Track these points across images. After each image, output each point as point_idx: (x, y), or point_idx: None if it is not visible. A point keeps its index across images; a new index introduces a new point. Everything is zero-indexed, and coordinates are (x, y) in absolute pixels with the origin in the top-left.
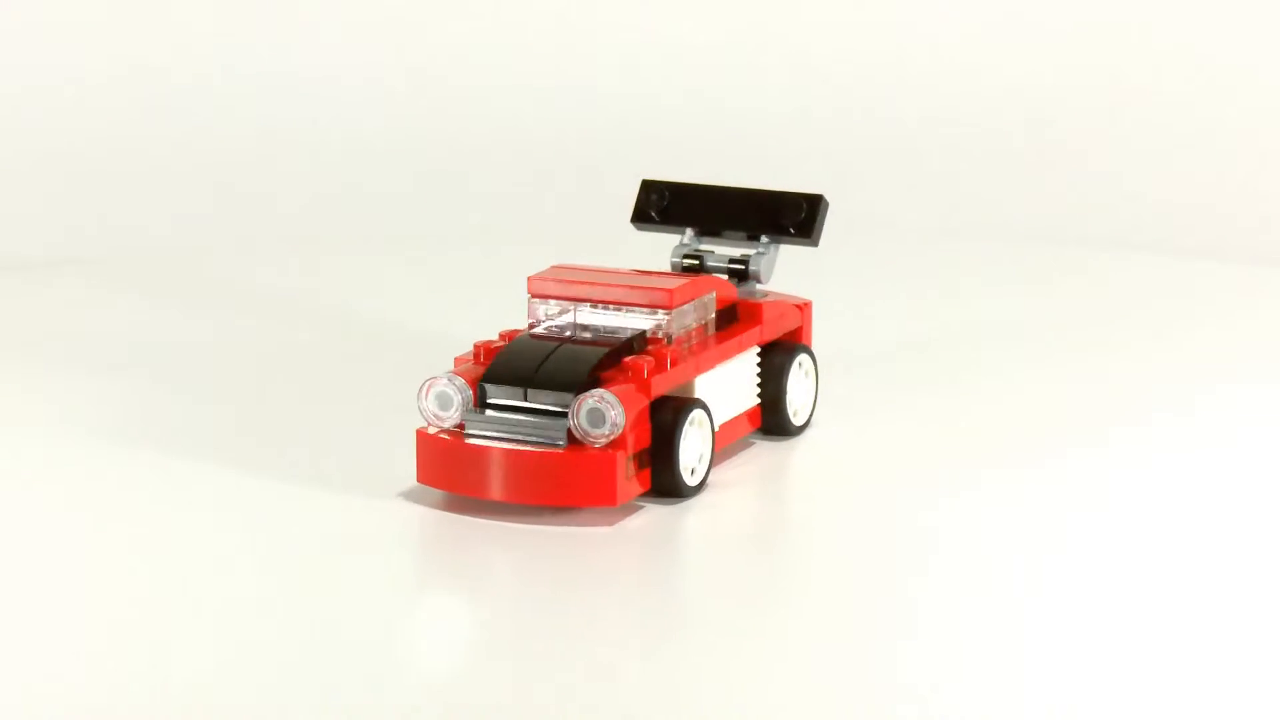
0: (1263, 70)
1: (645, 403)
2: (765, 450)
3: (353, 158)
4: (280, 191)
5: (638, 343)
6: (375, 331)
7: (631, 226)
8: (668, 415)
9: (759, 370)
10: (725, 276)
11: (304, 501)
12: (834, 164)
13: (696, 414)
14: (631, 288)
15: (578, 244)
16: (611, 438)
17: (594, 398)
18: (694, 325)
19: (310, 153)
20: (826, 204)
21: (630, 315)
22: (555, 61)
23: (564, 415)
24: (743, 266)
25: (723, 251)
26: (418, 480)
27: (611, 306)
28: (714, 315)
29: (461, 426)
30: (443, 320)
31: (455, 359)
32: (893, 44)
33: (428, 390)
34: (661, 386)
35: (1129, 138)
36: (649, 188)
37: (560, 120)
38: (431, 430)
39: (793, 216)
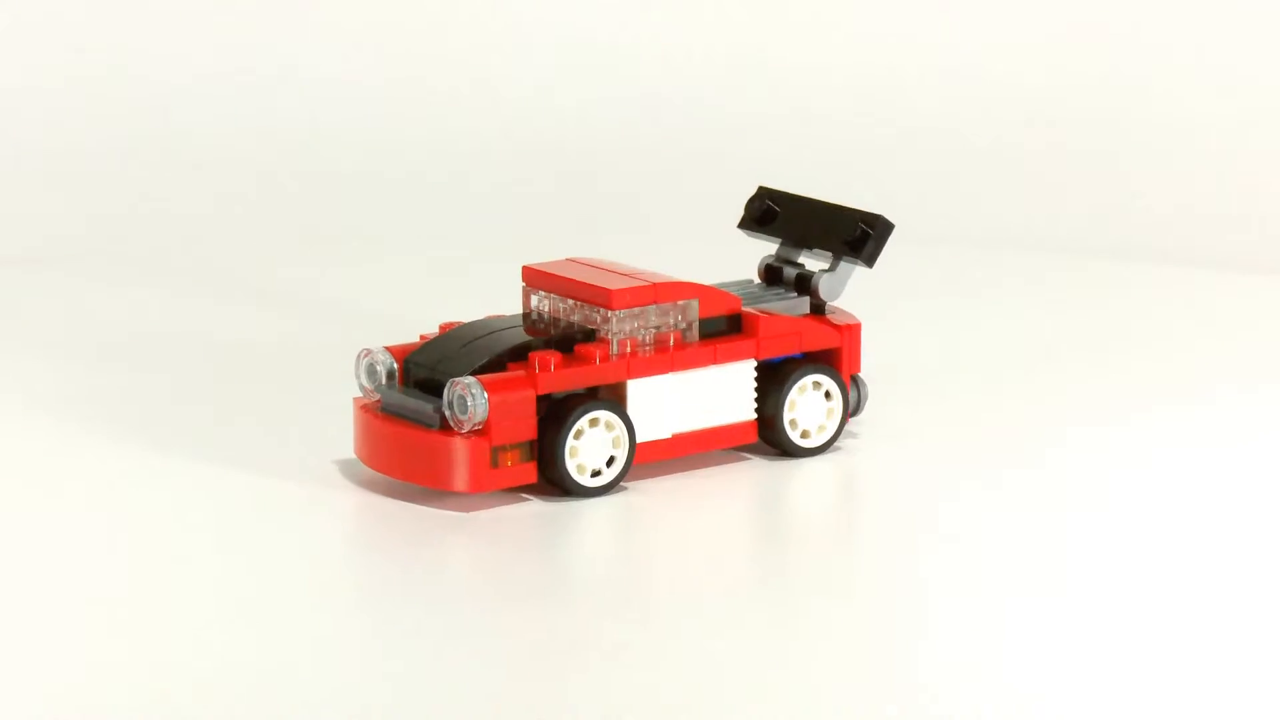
0: (1265, 75)
1: (530, 395)
2: (753, 466)
3: (359, 157)
4: (280, 191)
5: (580, 338)
6: (386, 328)
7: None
8: (559, 412)
9: (756, 385)
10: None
11: (282, 495)
12: (836, 169)
13: (602, 415)
14: (590, 286)
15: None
16: (475, 425)
17: (461, 385)
18: (660, 329)
19: (312, 153)
20: (887, 225)
21: (589, 312)
22: (563, 63)
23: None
24: (801, 280)
25: (812, 265)
26: (354, 452)
27: (573, 301)
28: (695, 322)
29: (379, 401)
30: (448, 315)
31: (420, 336)
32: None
33: (359, 362)
34: (556, 383)
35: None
36: (762, 194)
37: (577, 121)
38: (362, 401)
39: (848, 234)
